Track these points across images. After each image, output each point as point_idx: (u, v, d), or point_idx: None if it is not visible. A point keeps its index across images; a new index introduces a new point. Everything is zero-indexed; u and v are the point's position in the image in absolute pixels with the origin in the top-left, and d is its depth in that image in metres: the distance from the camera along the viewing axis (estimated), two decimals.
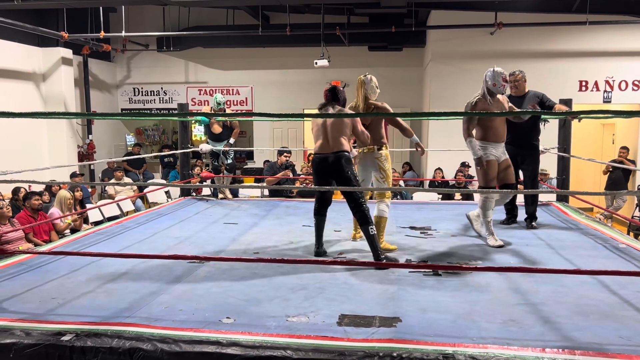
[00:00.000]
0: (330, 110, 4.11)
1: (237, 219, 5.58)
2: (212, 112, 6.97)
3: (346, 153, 4.03)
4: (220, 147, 7.03)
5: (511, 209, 5.29)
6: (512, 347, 2.41)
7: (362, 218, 3.94)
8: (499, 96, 4.55)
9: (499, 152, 4.56)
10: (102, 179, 11.01)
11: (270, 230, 5.05)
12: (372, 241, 3.89)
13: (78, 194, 7.50)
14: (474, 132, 4.51)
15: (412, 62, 11.55)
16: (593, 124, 10.66)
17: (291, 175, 8.34)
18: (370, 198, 6.09)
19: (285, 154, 8.44)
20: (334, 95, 4.13)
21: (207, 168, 10.70)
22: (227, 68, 12.19)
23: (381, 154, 4.31)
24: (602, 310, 2.89)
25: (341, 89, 4.21)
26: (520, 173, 5.21)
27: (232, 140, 7.05)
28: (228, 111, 8.61)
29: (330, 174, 4.06)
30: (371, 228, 3.90)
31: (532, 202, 5.18)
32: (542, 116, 5.20)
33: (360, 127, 4.17)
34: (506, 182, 4.59)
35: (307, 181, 9.54)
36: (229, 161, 7.25)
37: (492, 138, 4.51)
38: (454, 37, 9.59)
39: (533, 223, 5.10)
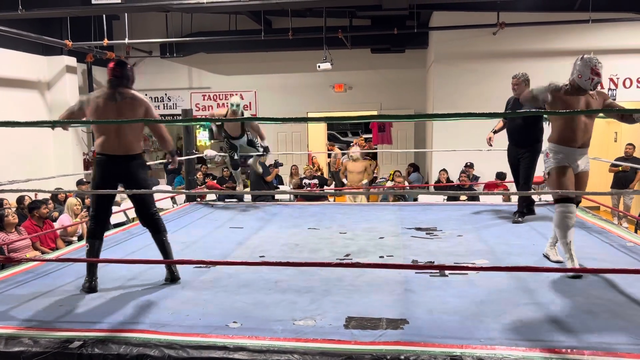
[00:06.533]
0: (116, 95, 3.51)
1: (243, 223, 5.59)
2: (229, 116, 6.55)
3: (138, 155, 3.49)
4: (240, 141, 6.64)
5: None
6: (520, 347, 2.41)
7: (157, 226, 3.55)
8: (593, 92, 3.62)
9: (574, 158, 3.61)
10: None
11: (275, 233, 5.05)
12: (167, 250, 3.57)
13: (88, 200, 7.52)
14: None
15: (415, 64, 11.54)
16: (597, 122, 10.56)
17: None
18: None
19: None
20: (122, 74, 3.50)
21: (210, 177, 10.72)
22: (230, 73, 12.22)
23: None
24: (610, 309, 2.87)
25: (128, 66, 3.62)
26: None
27: (265, 143, 6.66)
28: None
29: (121, 178, 3.49)
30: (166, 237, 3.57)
31: (523, 199, 5.35)
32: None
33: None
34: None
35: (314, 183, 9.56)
36: (261, 150, 6.71)
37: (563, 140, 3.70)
38: (457, 38, 9.57)
39: (519, 218, 5.25)
